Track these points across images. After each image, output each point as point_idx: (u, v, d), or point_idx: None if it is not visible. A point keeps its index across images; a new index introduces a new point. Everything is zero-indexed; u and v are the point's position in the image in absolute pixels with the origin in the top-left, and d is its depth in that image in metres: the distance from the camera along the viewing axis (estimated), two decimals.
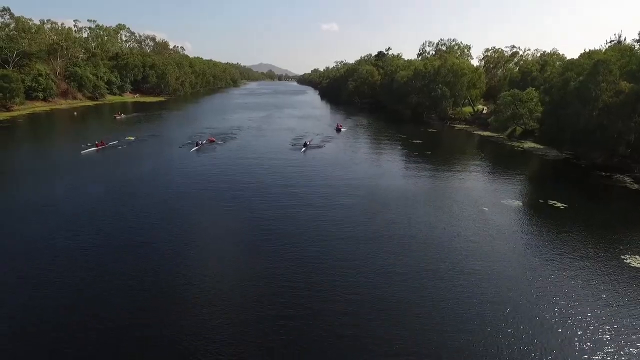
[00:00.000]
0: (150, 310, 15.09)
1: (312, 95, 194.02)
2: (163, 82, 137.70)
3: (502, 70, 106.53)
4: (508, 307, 15.91)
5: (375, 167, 41.94)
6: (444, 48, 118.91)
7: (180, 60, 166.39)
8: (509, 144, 58.53)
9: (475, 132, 70.13)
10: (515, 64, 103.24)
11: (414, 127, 75.06)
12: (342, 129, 68.36)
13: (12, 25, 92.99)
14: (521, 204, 29.84)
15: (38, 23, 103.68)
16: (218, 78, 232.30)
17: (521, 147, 55.43)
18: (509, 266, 19.53)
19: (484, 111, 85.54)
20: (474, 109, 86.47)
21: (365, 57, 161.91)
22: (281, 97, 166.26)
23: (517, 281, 18.06)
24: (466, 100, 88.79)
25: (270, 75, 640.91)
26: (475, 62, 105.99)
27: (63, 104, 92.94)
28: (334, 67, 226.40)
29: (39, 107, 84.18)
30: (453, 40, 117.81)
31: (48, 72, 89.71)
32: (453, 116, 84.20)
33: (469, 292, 16.98)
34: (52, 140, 55.64)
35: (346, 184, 33.78)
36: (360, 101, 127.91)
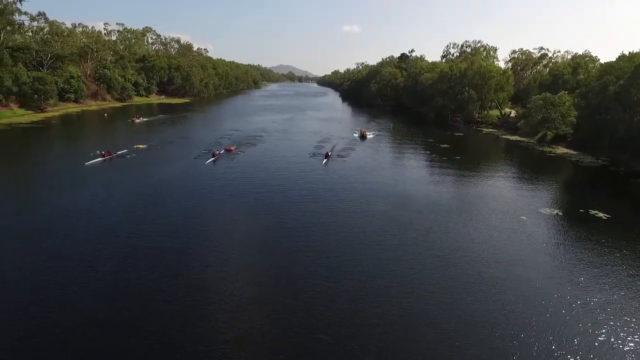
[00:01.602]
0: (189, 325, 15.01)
1: (333, 97, 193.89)
2: (188, 84, 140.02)
3: (530, 72, 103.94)
4: (555, 332, 15.16)
5: (403, 173, 41.31)
6: (468, 50, 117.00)
7: (204, 62, 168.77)
8: (540, 149, 56.87)
9: (503, 137, 68.48)
10: (545, 66, 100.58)
11: (440, 131, 73.87)
12: (368, 135, 63.90)
13: (47, 29, 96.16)
14: (560, 213, 28.73)
15: (70, 27, 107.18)
16: (240, 80, 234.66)
17: (553, 153, 53.76)
18: (557, 285, 18.56)
19: (512, 115, 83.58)
20: (501, 113, 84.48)
21: (388, 59, 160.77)
22: (303, 99, 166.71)
23: (567, 303, 17.09)
24: (493, 104, 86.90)
25: (291, 76, 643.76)
26: (501, 64, 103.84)
27: (93, 105, 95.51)
28: (355, 68, 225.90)
29: (71, 108, 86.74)
30: (479, 42, 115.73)
31: (79, 74, 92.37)
32: (480, 120, 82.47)
33: (515, 314, 16.25)
34: (73, 144, 54.40)
35: (374, 190, 33.36)
36: (383, 103, 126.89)
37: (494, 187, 36.05)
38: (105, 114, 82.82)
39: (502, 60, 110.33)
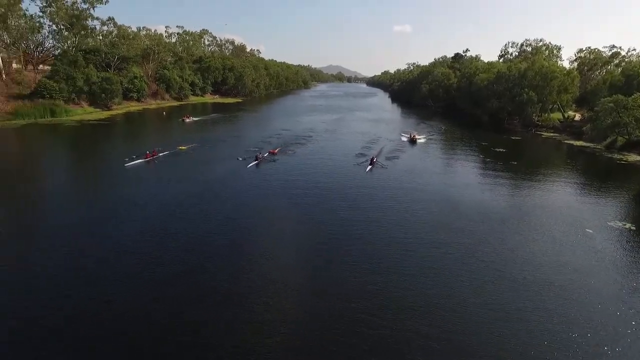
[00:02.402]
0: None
1: (382, 98, 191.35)
2: (240, 84, 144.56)
3: (599, 73, 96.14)
4: None
5: (455, 177, 39.61)
6: (529, 49, 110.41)
7: (256, 62, 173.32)
8: (608, 156, 52.36)
9: (565, 141, 63.85)
10: (616, 65, 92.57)
11: (494, 134, 70.31)
12: (418, 139, 60.02)
13: (115, 33, 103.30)
14: (634, 227, 26.12)
15: (135, 30, 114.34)
16: (290, 80, 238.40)
17: (624, 160, 49.27)
18: (633, 311, 16.91)
19: (576, 118, 77.73)
20: (564, 116, 78.79)
21: (440, 59, 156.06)
22: (352, 100, 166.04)
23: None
24: (555, 106, 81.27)
25: (340, 77, 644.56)
26: (565, 64, 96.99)
27: (153, 104, 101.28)
28: (405, 69, 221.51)
29: (133, 106, 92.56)
30: (540, 41, 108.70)
31: (142, 74, 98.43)
32: (539, 123, 77.47)
33: (585, 339, 14.94)
34: (127, 143, 55.29)
35: (422, 193, 32.31)
36: (434, 105, 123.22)
37: (555, 195, 33.56)
38: (165, 113, 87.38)
39: (566, 60, 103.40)
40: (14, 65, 79.92)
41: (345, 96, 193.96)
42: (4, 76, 71.63)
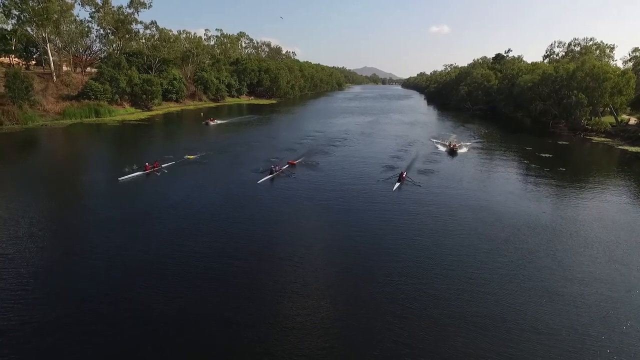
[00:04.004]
0: None
1: (417, 100, 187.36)
2: (275, 86, 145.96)
3: None
4: None
5: (497, 183, 37.31)
6: (577, 49, 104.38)
7: (291, 64, 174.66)
8: None
9: (618, 147, 59.30)
10: None
11: (539, 138, 66.47)
12: (459, 149, 51.52)
13: (157, 36, 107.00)
14: None
15: (176, 33, 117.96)
16: (324, 82, 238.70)
17: None
18: None
19: (631, 122, 72.22)
20: (617, 120, 73.45)
21: (480, 60, 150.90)
22: (386, 102, 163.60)
23: None
24: (607, 109, 75.96)
25: (374, 78, 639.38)
26: (619, 65, 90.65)
27: (190, 105, 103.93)
28: (442, 70, 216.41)
29: (172, 107, 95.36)
30: (590, 40, 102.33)
31: (181, 76, 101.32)
32: (589, 127, 72.57)
33: None
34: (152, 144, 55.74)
35: (463, 199, 30.56)
36: (472, 107, 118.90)
37: (612, 206, 30.77)
38: (202, 113, 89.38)
39: (619, 60, 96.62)
40: (64, 68, 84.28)
41: (379, 98, 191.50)
42: (54, 78, 75.59)
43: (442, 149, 53.77)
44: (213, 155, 44.41)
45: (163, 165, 37.51)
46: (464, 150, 53.20)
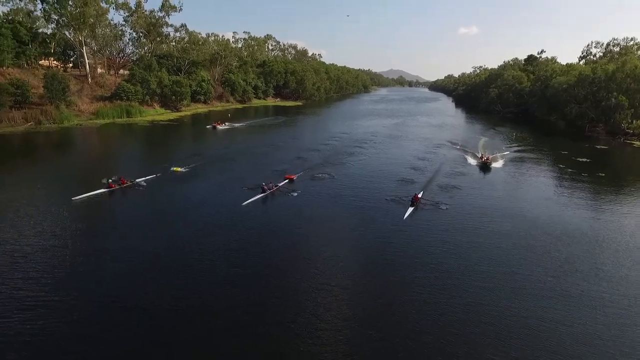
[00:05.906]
0: None
1: (445, 103, 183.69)
2: (301, 87, 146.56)
3: None
4: None
5: (530, 189, 35.65)
6: (616, 49, 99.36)
7: (317, 66, 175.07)
8: None
9: None
10: None
11: (575, 143, 63.55)
12: (492, 163, 43.12)
13: (186, 39, 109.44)
14: None
15: (205, 36, 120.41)
16: (350, 84, 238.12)
17: None
18: None
19: None
20: None
21: (511, 62, 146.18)
22: (413, 104, 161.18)
23: None
24: None
25: (401, 81, 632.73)
26: None
27: (218, 106, 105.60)
28: (471, 72, 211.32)
29: (200, 108, 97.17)
30: (631, 40, 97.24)
31: (209, 78, 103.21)
32: (630, 131, 68.81)
33: None
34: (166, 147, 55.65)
35: (495, 210, 29.27)
36: (503, 110, 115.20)
37: None
38: (229, 114, 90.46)
39: None
40: (99, 70, 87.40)
41: (406, 100, 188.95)
42: (89, 80, 78.45)
43: (473, 161, 45.88)
44: (208, 165, 39.38)
45: (140, 180, 31.93)
46: (499, 163, 44.90)
